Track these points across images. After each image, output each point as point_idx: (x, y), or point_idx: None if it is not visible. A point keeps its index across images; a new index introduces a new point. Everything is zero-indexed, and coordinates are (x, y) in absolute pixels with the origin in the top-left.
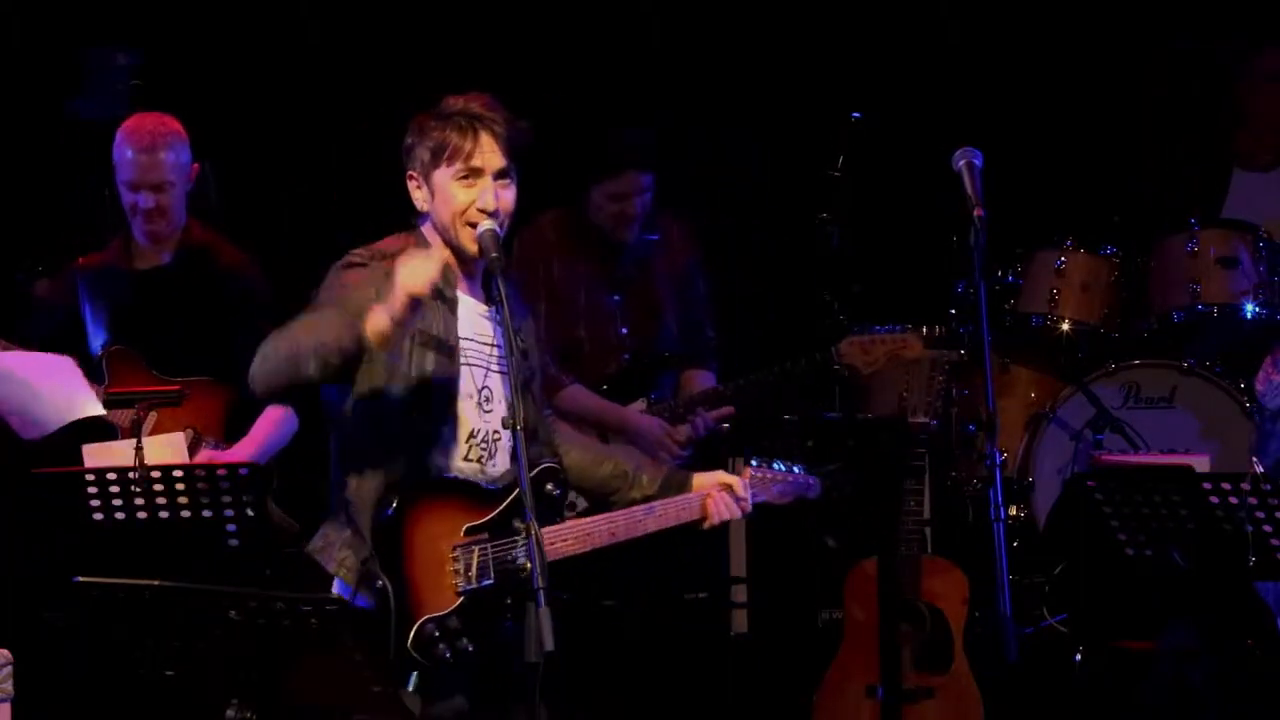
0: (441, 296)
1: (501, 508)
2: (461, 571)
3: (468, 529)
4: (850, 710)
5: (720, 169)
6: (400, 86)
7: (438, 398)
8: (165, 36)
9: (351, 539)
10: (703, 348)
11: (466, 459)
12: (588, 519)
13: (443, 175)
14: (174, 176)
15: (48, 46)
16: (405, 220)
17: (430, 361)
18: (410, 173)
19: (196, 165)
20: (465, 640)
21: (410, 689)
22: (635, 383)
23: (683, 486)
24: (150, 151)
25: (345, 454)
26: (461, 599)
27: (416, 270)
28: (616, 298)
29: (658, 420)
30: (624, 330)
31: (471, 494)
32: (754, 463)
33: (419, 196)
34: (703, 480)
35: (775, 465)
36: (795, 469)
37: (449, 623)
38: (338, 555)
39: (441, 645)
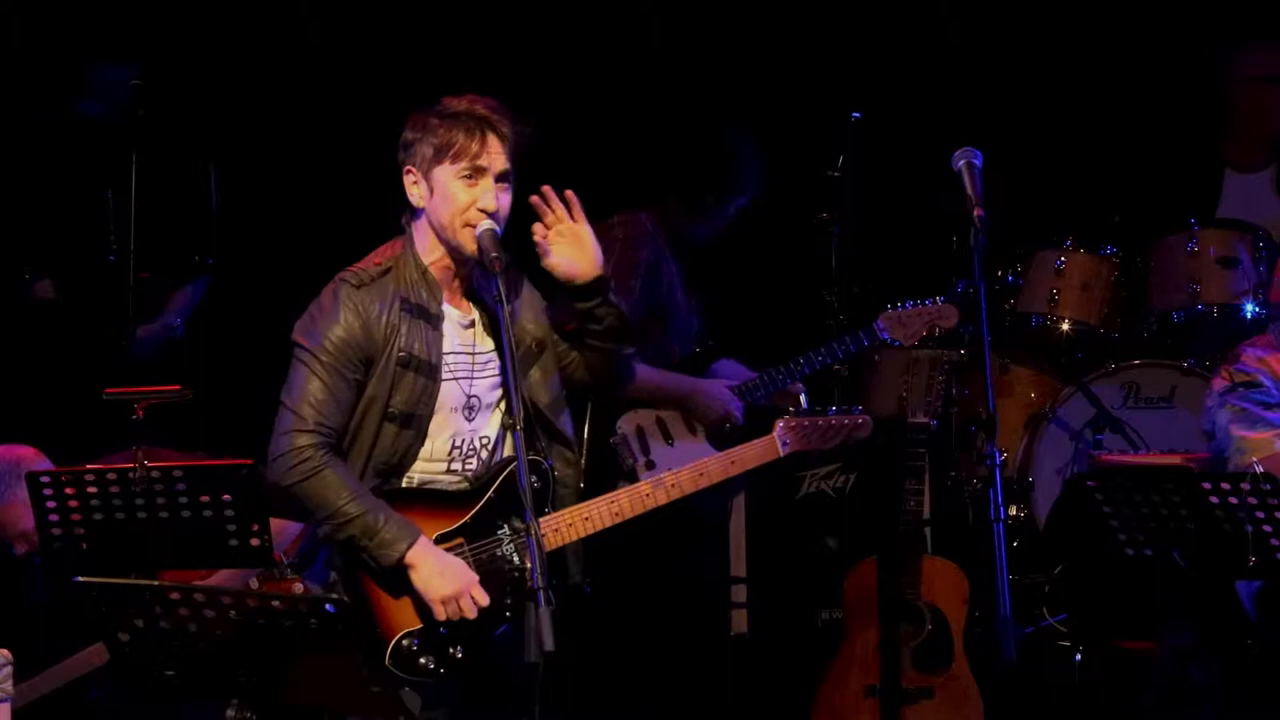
0: (426, 314)
1: (475, 510)
2: None
3: (437, 537)
4: (850, 710)
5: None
6: (399, 88)
7: (417, 417)
8: (167, 39)
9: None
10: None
11: (450, 470)
12: (588, 503)
13: (444, 173)
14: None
15: (50, 49)
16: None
17: (409, 382)
18: (409, 168)
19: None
20: (456, 648)
21: (415, 709)
22: (696, 371)
23: None
24: None
25: None
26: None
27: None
28: (693, 299)
29: (723, 384)
30: (695, 324)
31: (438, 501)
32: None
33: (415, 192)
34: None
35: (810, 410)
36: (830, 410)
37: (432, 634)
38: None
39: (424, 659)
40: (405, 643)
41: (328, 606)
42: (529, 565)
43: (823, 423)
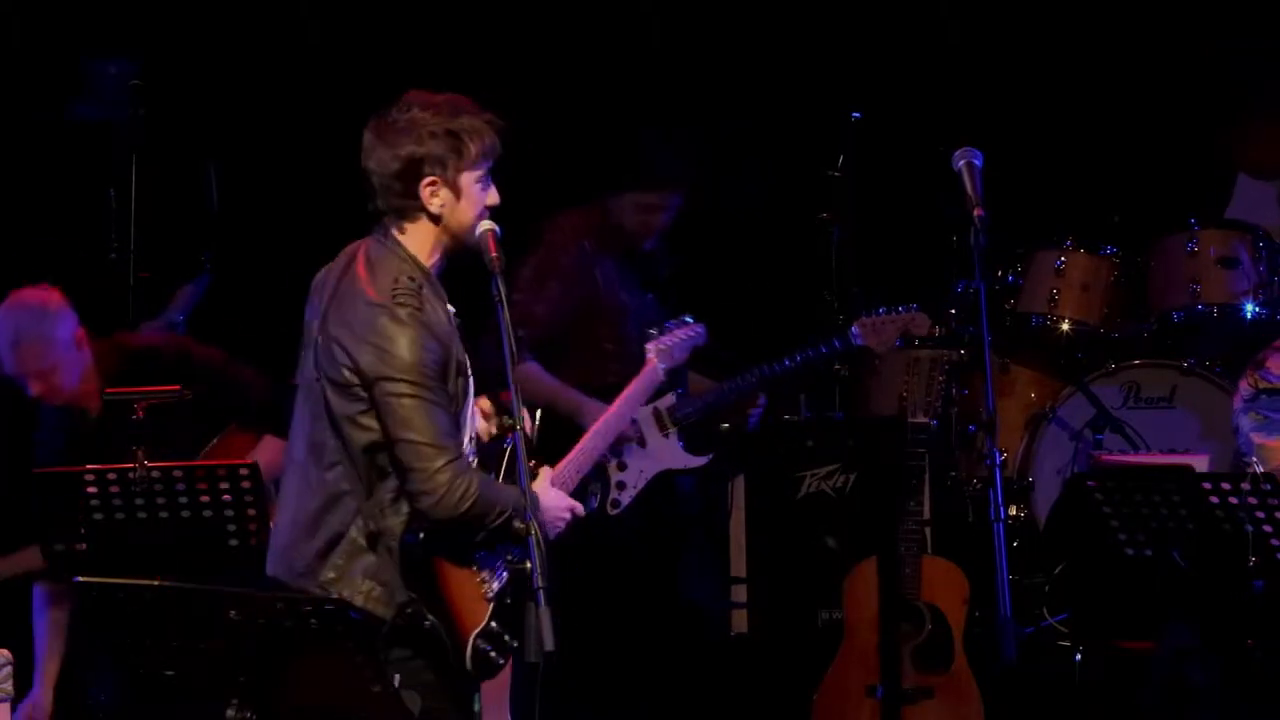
0: (447, 317)
1: None
2: (486, 579)
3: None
4: (850, 710)
5: (720, 169)
6: (399, 87)
7: (462, 419)
8: (166, 38)
9: (373, 566)
10: None
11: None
12: (551, 473)
13: (470, 178)
14: (51, 361)
15: (49, 49)
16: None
17: (458, 387)
18: (432, 178)
19: (81, 331)
20: (508, 638)
21: (477, 708)
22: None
23: None
24: (16, 345)
25: (374, 487)
26: (492, 603)
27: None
28: (650, 297)
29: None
30: (653, 330)
31: None
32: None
33: (436, 201)
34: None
35: (668, 328)
36: (674, 323)
37: (491, 629)
38: (361, 586)
39: (493, 653)
40: (479, 643)
41: (328, 606)
42: (529, 565)
43: (670, 339)
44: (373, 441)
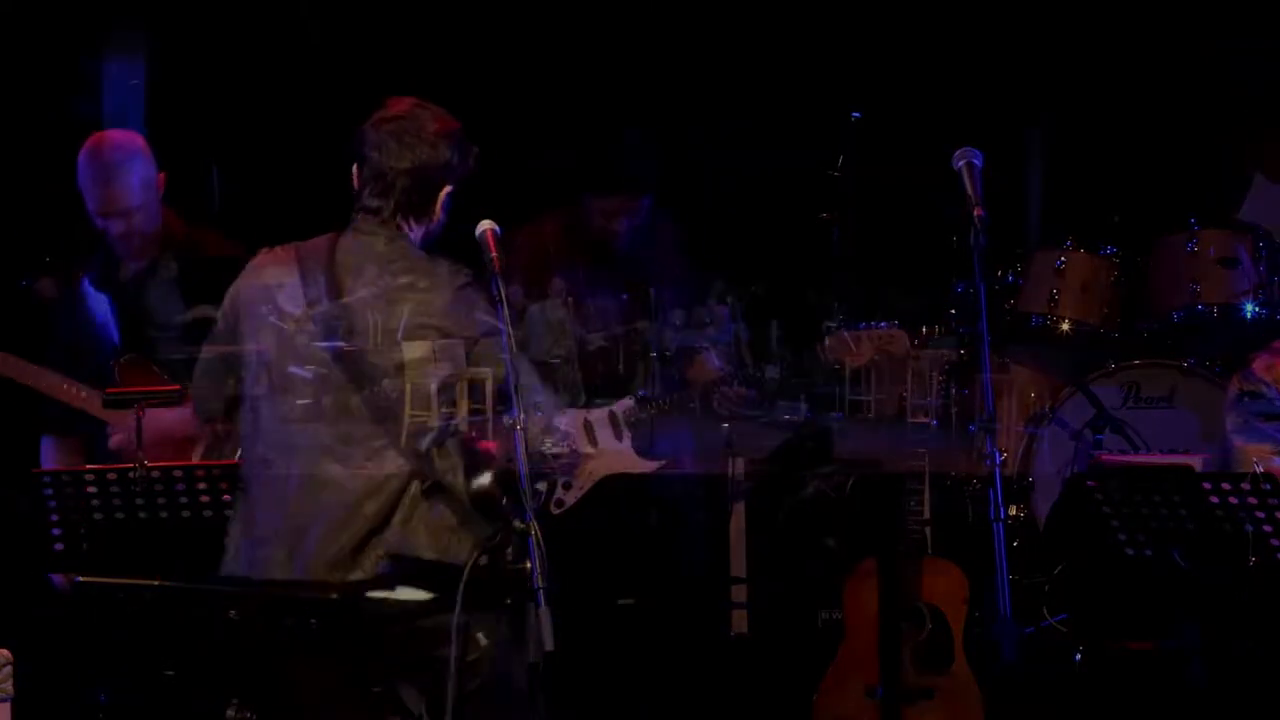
0: None
1: None
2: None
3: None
4: (850, 710)
5: (720, 169)
6: (399, 87)
7: None
8: (167, 38)
9: (436, 519)
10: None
11: None
12: None
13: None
14: (137, 201)
15: (49, 49)
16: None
17: None
18: (450, 187)
19: (163, 175)
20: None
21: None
22: (625, 380)
23: None
24: (107, 183)
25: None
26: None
27: None
28: (625, 296)
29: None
30: (621, 330)
31: None
32: None
33: (440, 209)
34: None
35: None
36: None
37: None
38: (429, 540)
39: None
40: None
41: (327, 606)
42: (529, 565)
43: None
44: None
